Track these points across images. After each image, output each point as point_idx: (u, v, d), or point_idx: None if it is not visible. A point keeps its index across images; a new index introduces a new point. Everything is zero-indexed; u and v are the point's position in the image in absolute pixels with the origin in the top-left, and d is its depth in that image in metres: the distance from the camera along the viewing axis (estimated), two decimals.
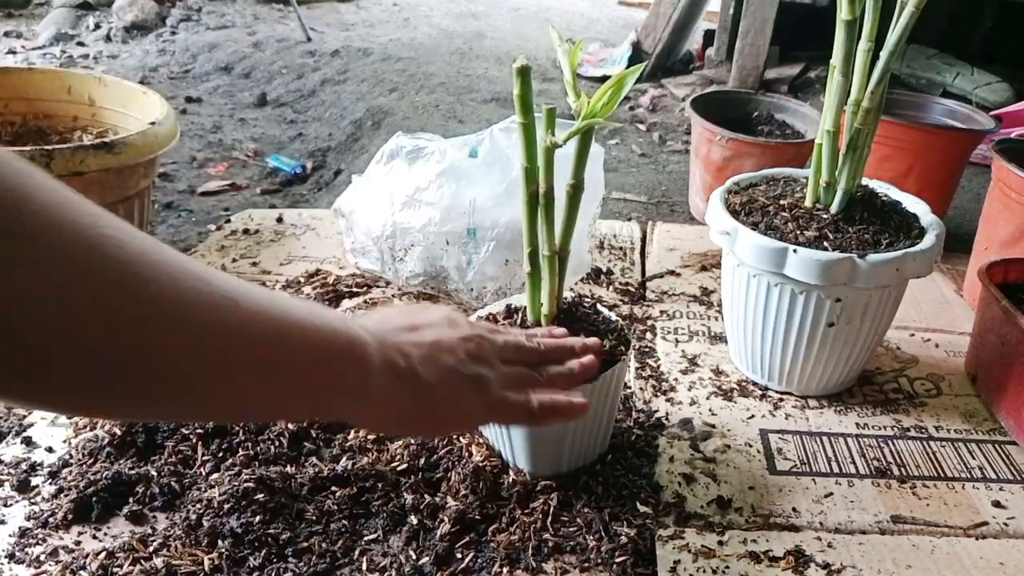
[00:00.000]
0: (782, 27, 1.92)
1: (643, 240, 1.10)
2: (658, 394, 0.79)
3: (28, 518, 0.61)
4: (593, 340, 0.60)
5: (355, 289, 0.93)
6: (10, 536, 0.60)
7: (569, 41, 0.58)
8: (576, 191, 0.59)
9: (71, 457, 0.67)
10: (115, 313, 0.29)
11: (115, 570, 0.56)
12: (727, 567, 0.59)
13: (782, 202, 0.78)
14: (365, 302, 0.90)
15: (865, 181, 0.79)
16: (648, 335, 0.89)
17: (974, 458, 0.73)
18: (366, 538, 0.61)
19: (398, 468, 0.66)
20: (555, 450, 0.65)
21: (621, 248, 1.07)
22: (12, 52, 2.36)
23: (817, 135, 0.74)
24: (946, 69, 1.98)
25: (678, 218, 1.27)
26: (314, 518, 0.62)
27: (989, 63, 2.03)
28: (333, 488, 0.64)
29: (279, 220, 1.12)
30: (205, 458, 0.67)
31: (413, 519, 0.62)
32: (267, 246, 1.05)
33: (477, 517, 0.62)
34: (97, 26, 2.62)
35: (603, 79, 2.11)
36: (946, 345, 0.90)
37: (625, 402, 0.76)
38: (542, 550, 0.60)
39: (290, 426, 0.70)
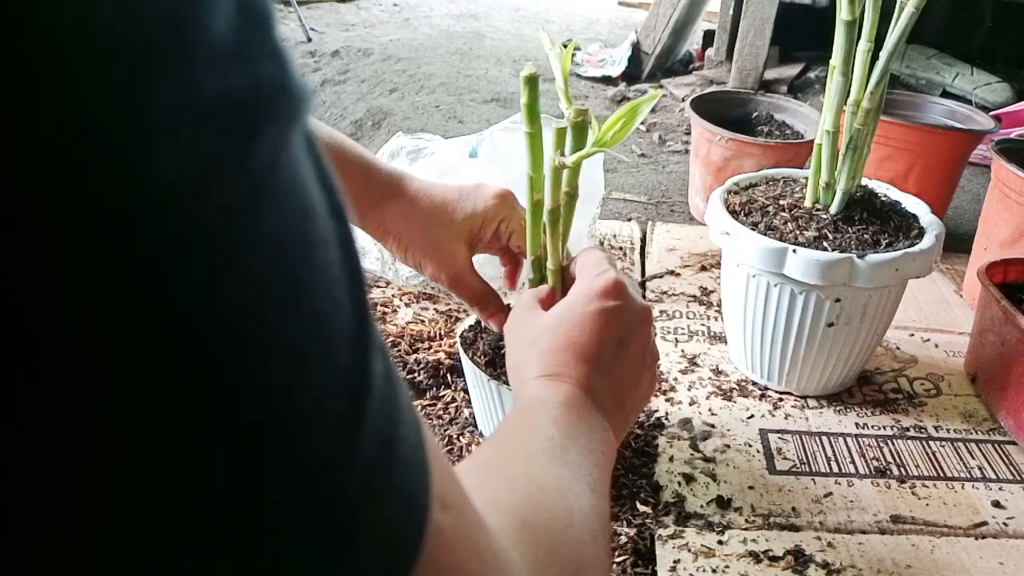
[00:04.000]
0: (782, 27, 1.92)
1: (643, 240, 1.10)
2: (657, 394, 0.79)
3: None
4: None
5: None
6: None
7: (563, 44, 0.57)
8: (571, 199, 0.59)
9: None
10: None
11: None
12: (727, 567, 0.59)
13: (782, 202, 0.78)
14: None
15: (865, 181, 0.79)
16: None
17: (974, 458, 0.73)
18: None
19: None
20: None
21: (621, 248, 1.07)
22: None
23: (817, 135, 0.75)
24: (946, 69, 1.98)
25: (678, 218, 1.27)
26: None
27: (989, 63, 2.03)
28: None
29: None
30: None
31: None
32: None
33: None
34: None
35: (603, 79, 2.10)
36: (946, 345, 0.90)
37: None
38: None
39: None
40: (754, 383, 0.82)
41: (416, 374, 0.78)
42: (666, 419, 0.75)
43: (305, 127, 0.18)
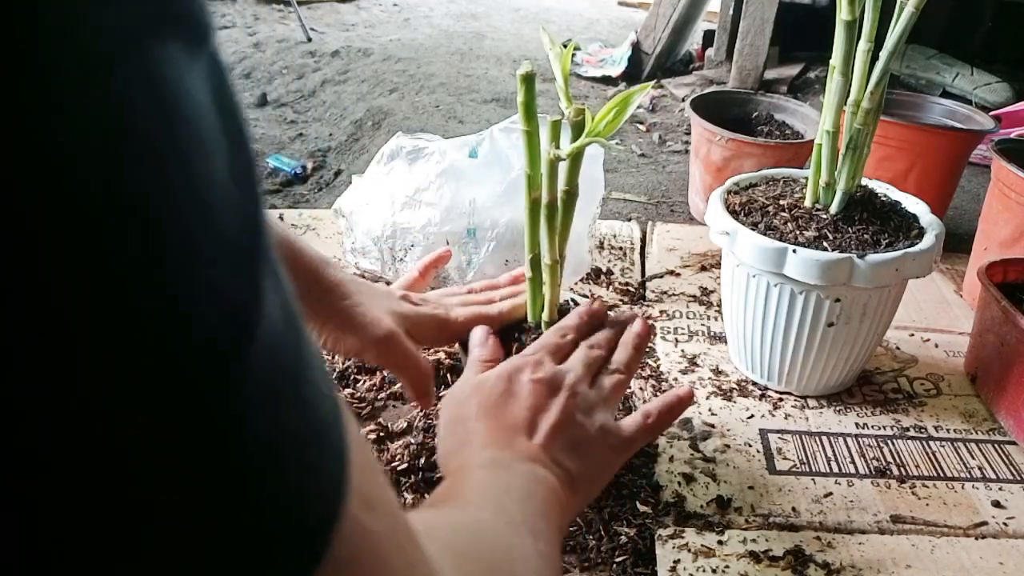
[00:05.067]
0: (782, 27, 1.92)
1: (643, 240, 1.10)
2: (658, 394, 0.79)
3: None
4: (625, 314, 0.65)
5: None
6: None
7: (563, 44, 0.57)
8: (570, 197, 0.59)
9: None
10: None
11: None
12: (727, 567, 0.59)
13: (782, 202, 0.78)
14: None
15: (865, 181, 0.79)
16: None
17: (974, 458, 0.73)
18: None
19: (398, 468, 0.66)
20: None
21: (621, 248, 1.07)
22: None
23: (817, 135, 0.75)
24: (946, 69, 1.98)
25: (678, 218, 1.27)
26: None
27: (989, 63, 2.03)
28: None
29: (279, 220, 1.12)
30: None
31: None
32: None
33: None
34: None
35: (603, 79, 2.11)
36: (946, 345, 0.90)
37: (625, 402, 0.76)
38: None
39: None
40: (754, 383, 0.82)
41: None
42: None
43: (201, 50, 0.17)
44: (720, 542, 0.62)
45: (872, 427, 0.76)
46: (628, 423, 0.56)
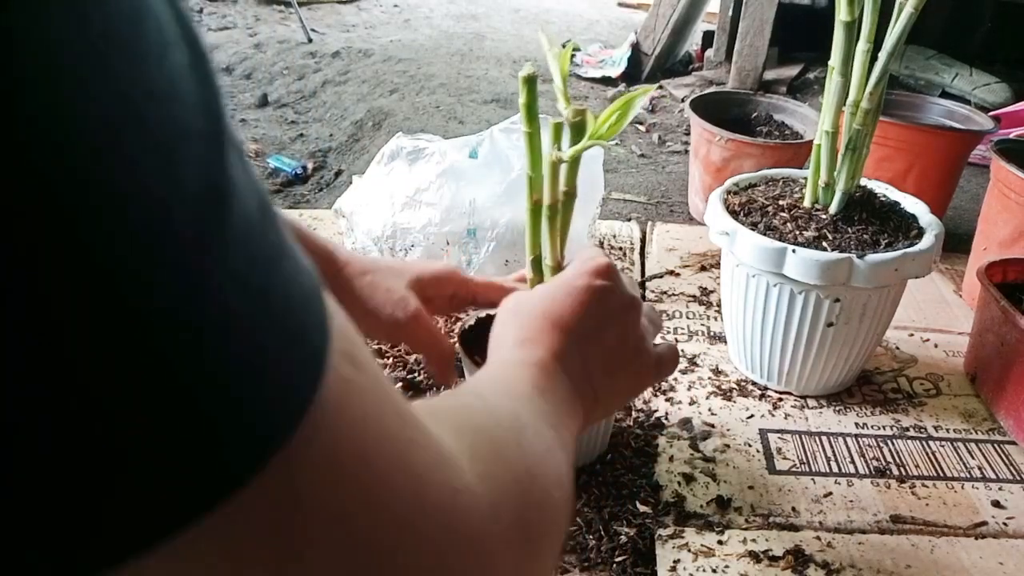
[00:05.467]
0: (781, 28, 1.92)
1: (643, 240, 1.11)
2: (657, 394, 0.79)
3: None
4: None
5: None
6: None
7: (562, 45, 0.57)
8: (569, 198, 0.59)
9: None
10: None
11: None
12: (727, 567, 0.60)
13: (781, 202, 0.78)
14: None
15: (864, 181, 0.79)
16: None
17: (973, 458, 0.73)
18: None
19: None
20: None
21: (621, 248, 1.07)
22: None
23: (816, 136, 0.75)
24: (945, 70, 1.98)
25: (678, 218, 1.27)
26: None
27: (988, 64, 2.03)
28: None
29: None
30: None
31: None
32: None
33: None
34: None
35: (603, 80, 2.11)
36: (945, 345, 0.90)
37: None
38: None
39: None
40: (754, 383, 0.82)
41: (416, 374, 0.79)
42: (666, 419, 0.75)
43: None
44: (720, 542, 0.62)
45: (872, 427, 0.77)
46: (662, 353, 0.53)
